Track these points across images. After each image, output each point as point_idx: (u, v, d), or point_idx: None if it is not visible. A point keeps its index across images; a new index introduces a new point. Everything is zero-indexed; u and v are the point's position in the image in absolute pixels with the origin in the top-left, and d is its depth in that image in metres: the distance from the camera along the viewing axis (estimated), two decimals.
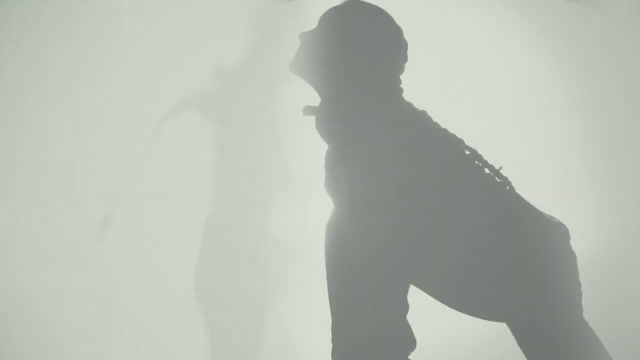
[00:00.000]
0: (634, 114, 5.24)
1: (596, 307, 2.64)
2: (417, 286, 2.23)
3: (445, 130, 2.25)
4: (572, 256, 2.23)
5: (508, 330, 2.24)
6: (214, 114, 4.21)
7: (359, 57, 2.27)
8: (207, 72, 4.46)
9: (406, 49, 2.34)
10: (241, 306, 3.87)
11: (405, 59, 2.33)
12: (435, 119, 2.30)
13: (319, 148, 2.38)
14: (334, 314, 2.20)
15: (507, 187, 2.23)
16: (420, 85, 2.47)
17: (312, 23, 2.37)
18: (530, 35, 5.27)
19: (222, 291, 3.89)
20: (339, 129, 2.16)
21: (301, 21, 4.67)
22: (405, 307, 2.18)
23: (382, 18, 2.30)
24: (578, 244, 2.37)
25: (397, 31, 2.31)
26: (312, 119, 2.28)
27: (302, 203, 4.74)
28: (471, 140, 2.28)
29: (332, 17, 2.31)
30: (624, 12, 4.85)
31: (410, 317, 2.21)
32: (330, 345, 2.22)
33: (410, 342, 2.19)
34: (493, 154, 2.36)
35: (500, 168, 2.25)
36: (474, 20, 5.24)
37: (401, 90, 2.30)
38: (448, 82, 5.15)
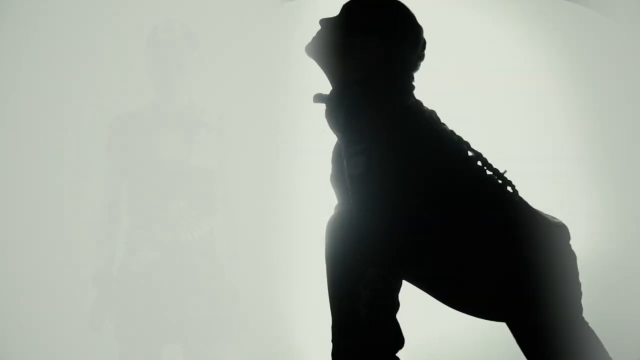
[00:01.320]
0: (635, 113, 5.23)
1: (596, 307, 2.63)
2: (416, 285, 2.23)
3: (452, 132, 2.26)
4: (572, 256, 2.23)
5: (508, 330, 2.24)
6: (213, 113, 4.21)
7: (376, 50, 2.27)
8: (207, 71, 4.46)
9: (424, 48, 2.34)
10: (241, 306, 3.87)
11: (421, 58, 2.33)
12: (441, 119, 2.30)
13: (318, 145, 2.38)
14: (333, 313, 2.19)
15: (509, 189, 2.24)
16: (423, 86, 2.47)
17: (312, 23, 2.37)
18: (530, 35, 5.27)
19: (221, 291, 3.89)
20: (348, 121, 2.15)
21: (302, 21, 4.67)
22: (396, 305, 2.16)
23: (404, 14, 2.30)
24: (578, 244, 2.37)
25: (417, 29, 2.31)
26: (322, 107, 2.28)
27: (305, 198, 4.73)
28: (474, 140, 2.28)
29: (354, 6, 2.32)
30: (624, 12, 4.85)
31: (405, 316, 2.21)
32: (330, 345, 2.22)
33: (397, 341, 2.17)
34: (493, 154, 2.36)
35: (505, 172, 2.26)
36: (473, 21, 5.25)
37: (413, 87, 2.30)
38: (447, 82, 5.15)
